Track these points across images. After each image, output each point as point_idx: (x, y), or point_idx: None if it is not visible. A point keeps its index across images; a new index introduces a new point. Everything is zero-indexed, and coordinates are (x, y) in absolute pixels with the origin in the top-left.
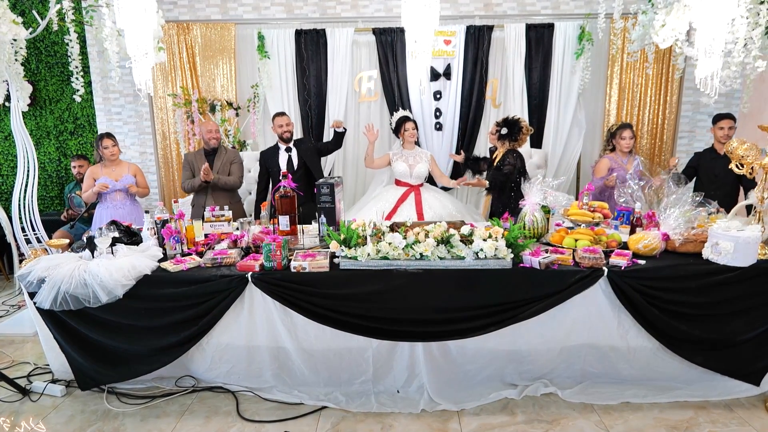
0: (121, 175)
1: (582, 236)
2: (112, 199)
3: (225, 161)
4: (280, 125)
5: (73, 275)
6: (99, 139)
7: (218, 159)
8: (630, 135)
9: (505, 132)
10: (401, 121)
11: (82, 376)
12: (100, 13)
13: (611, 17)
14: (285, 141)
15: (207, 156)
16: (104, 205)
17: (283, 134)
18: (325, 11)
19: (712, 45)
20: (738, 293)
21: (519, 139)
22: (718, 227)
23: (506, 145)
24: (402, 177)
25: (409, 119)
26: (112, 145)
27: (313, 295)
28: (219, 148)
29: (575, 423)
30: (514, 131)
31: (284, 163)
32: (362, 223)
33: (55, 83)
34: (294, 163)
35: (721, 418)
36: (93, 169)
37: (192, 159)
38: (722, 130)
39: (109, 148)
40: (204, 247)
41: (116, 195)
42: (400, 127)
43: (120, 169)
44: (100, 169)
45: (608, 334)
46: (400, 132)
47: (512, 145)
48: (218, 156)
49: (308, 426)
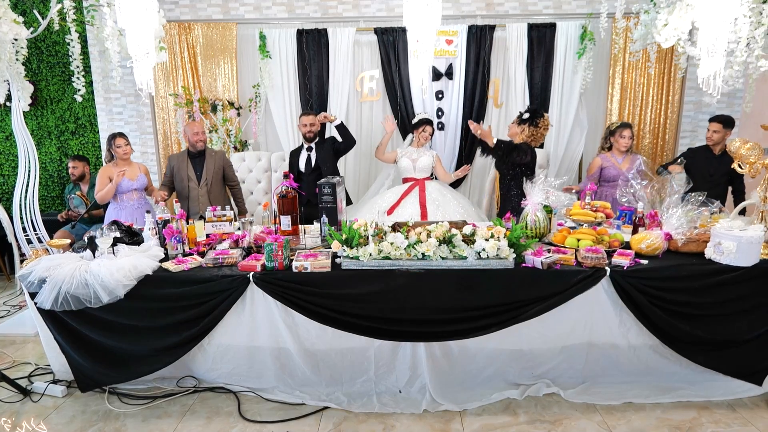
0: (136, 175)
1: (584, 236)
2: (129, 199)
3: (216, 167)
4: (305, 124)
5: (74, 275)
6: (112, 138)
7: (207, 163)
8: (630, 134)
9: (527, 117)
10: (423, 122)
11: (83, 377)
12: (101, 12)
13: (613, 17)
14: (308, 140)
15: (192, 159)
16: (119, 205)
17: (306, 134)
18: (326, 11)
19: (714, 44)
20: (741, 293)
21: (539, 126)
22: (720, 227)
23: (524, 134)
24: (407, 172)
25: (431, 123)
26: (125, 144)
27: (315, 295)
28: (206, 150)
29: (578, 423)
30: (536, 116)
31: (303, 162)
32: (364, 223)
33: (56, 83)
34: (312, 163)
35: (724, 419)
36: (106, 168)
37: (175, 163)
38: (708, 132)
39: (122, 147)
40: (205, 247)
41: (133, 194)
42: (419, 126)
43: (133, 169)
44: (114, 168)
45: (610, 333)
46: (417, 130)
47: (531, 131)
48: (207, 159)
49: (310, 426)
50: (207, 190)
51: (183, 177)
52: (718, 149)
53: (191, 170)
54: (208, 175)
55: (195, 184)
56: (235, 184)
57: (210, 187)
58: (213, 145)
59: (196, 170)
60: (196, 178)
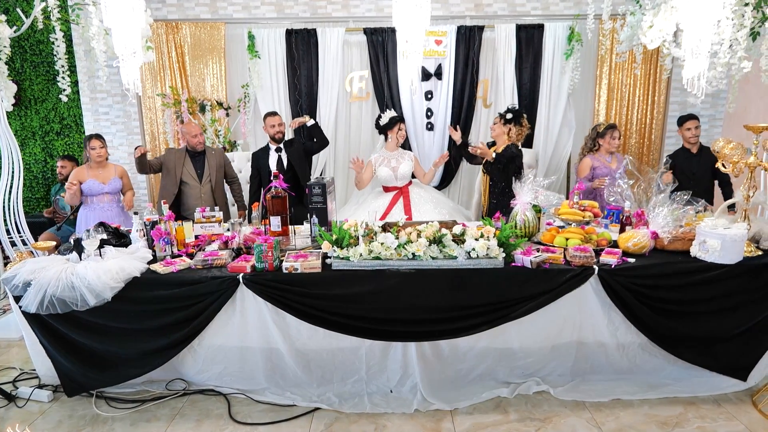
0: (109, 178)
1: (573, 235)
2: (99, 201)
3: (218, 165)
4: (272, 125)
5: (60, 278)
6: (87, 139)
7: (209, 161)
8: (619, 135)
9: (510, 117)
10: (395, 120)
11: (69, 382)
12: (87, 11)
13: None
14: (276, 141)
15: (193, 157)
16: (90, 207)
17: (275, 135)
18: (315, 11)
19: (698, 46)
20: (725, 290)
21: (522, 124)
22: (705, 225)
23: (508, 137)
24: (388, 182)
25: (403, 120)
26: (100, 147)
27: (305, 296)
28: (206, 150)
29: (567, 420)
30: (518, 115)
31: (274, 163)
32: (354, 223)
33: (40, 83)
34: (284, 164)
35: (710, 414)
36: (78, 170)
37: (172, 158)
38: (689, 131)
39: (96, 149)
40: (194, 249)
41: (104, 197)
42: (393, 127)
43: (107, 171)
44: (86, 170)
45: (598, 331)
46: (389, 131)
47: (517, 130)
48: (208, 157)
49: (301, 428)
50: (211, 188)
51: (179, 174)
52: (695, 148)
53: (191, 168)
54: (211, 173)
55: (197, 182)
56: (234, 181)
57: (213, 185)
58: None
59: (197, 168)
60: (197, 177)
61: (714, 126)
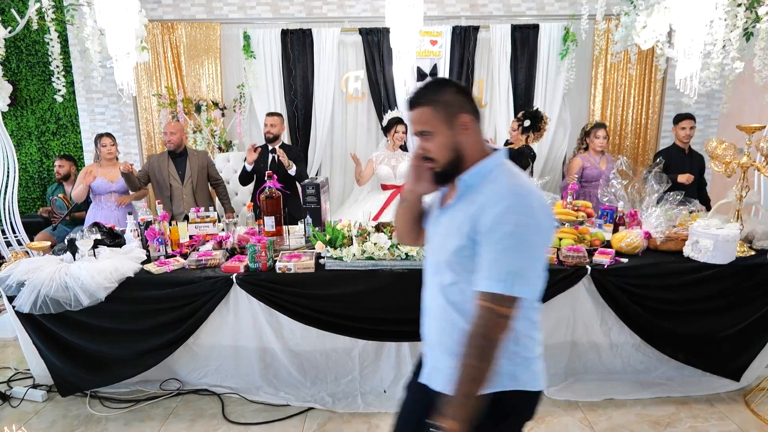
0: (117, 177)
1: (566, 235)
2: (107, 200)
3: (200, 166)
4: (265, 125)
5: (54, 278)
6: (98, 137)
7: (191, 162)
8: (604, 134)
9: (528, 124)
10: (393, 122)
11: (63, 382)
12: (81, 12)
13: (594, 18)
14: (268, 141)
15: (174, 159)
16: (99, 206)
17: (266, 134)
18: (311, 11)
19: (691, 46)
20: (718, 290)
21: (541, 129)
22: (698, 225)
23: (525, 139)
24: (387, 180)
25: (402, 122)
26: (110, 144)
27: (299, 296)
28: (187, 151)
29: (560, 420)
30: (536, 121)
31: (267, 163)
32: (348, 223)
33: (36, 83)
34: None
35: (702, 413)
36: (89, 166)
37: (155, 163)
38: (684, 131)
39: (107, 146)
40: (188, 249)
41: (112, 196)
42: (391, 128)
43: (115, 170)
44: (97, 168)
45: (591, 331)
46: (389, 132)
47: (535, 136)
48: (190, 158)
49: (294, 427)
50: (192, 189)
51: (165, 177)
52: (688, 147)
53: (173, 170)
54: (192, 174)
55: (178, 183)
56: (219, 183)
57: (195, 186)
58: (197, 145)
59: (178, 170)
60: (179, 178)
61: (709, 126)
